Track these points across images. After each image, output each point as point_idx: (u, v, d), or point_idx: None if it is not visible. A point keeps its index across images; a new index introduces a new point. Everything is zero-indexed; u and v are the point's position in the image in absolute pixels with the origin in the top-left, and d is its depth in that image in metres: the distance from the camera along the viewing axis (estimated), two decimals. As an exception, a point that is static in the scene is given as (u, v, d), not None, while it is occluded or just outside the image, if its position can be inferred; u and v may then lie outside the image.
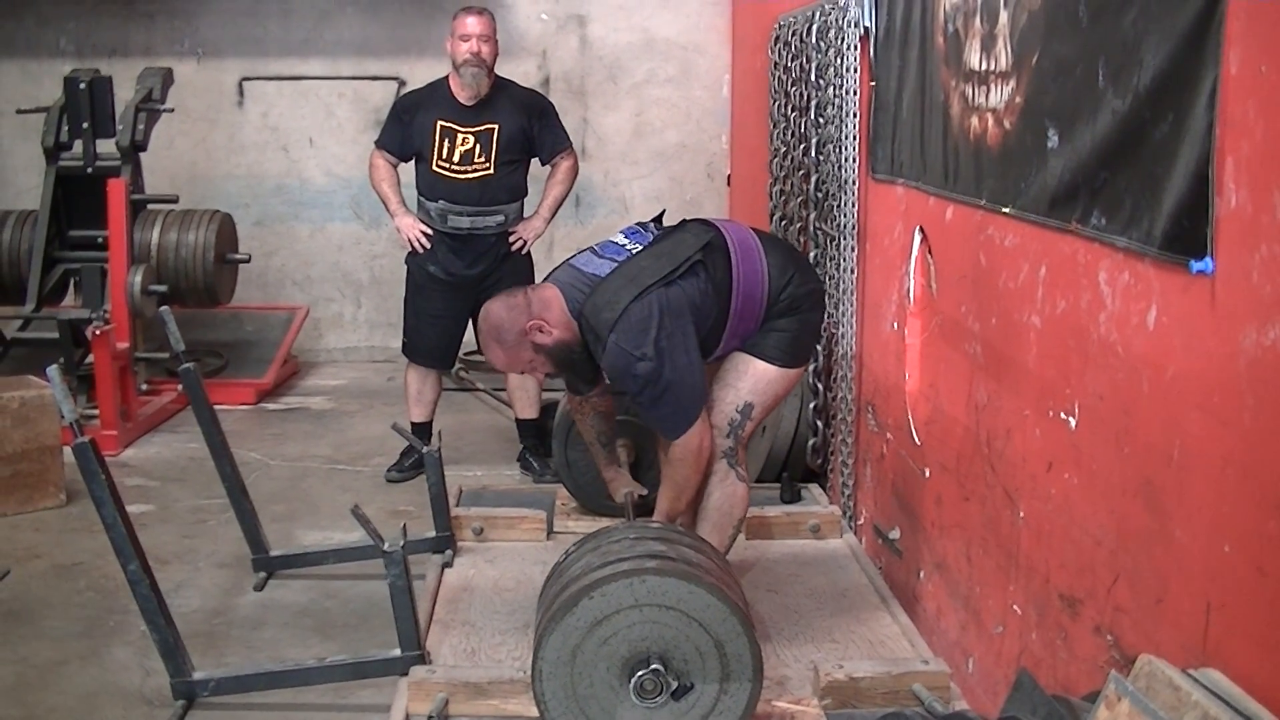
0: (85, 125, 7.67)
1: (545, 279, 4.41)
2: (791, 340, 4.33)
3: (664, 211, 4.65)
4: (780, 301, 4.28)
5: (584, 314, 4.15)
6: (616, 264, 4.22)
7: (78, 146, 7.77)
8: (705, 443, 4.20)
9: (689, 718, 3.46)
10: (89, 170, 7.72)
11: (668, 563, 3.48)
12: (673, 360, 4.07)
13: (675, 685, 3.41)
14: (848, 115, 5.17)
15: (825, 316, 4.66)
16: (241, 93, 9.46)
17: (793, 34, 6.10)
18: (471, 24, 6.16)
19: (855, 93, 5.11)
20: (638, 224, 4.46)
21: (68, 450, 3.88)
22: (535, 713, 3.59)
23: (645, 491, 4.78)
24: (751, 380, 4.29)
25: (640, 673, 3.40)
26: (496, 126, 6.20)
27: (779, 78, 6.41)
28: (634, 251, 4.27)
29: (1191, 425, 2.56)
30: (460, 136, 6.19)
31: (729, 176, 9.41)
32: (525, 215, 6.43)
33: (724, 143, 9.51)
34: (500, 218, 6.29)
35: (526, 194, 6.44)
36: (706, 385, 4.26)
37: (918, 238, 4.41)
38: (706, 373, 4.30)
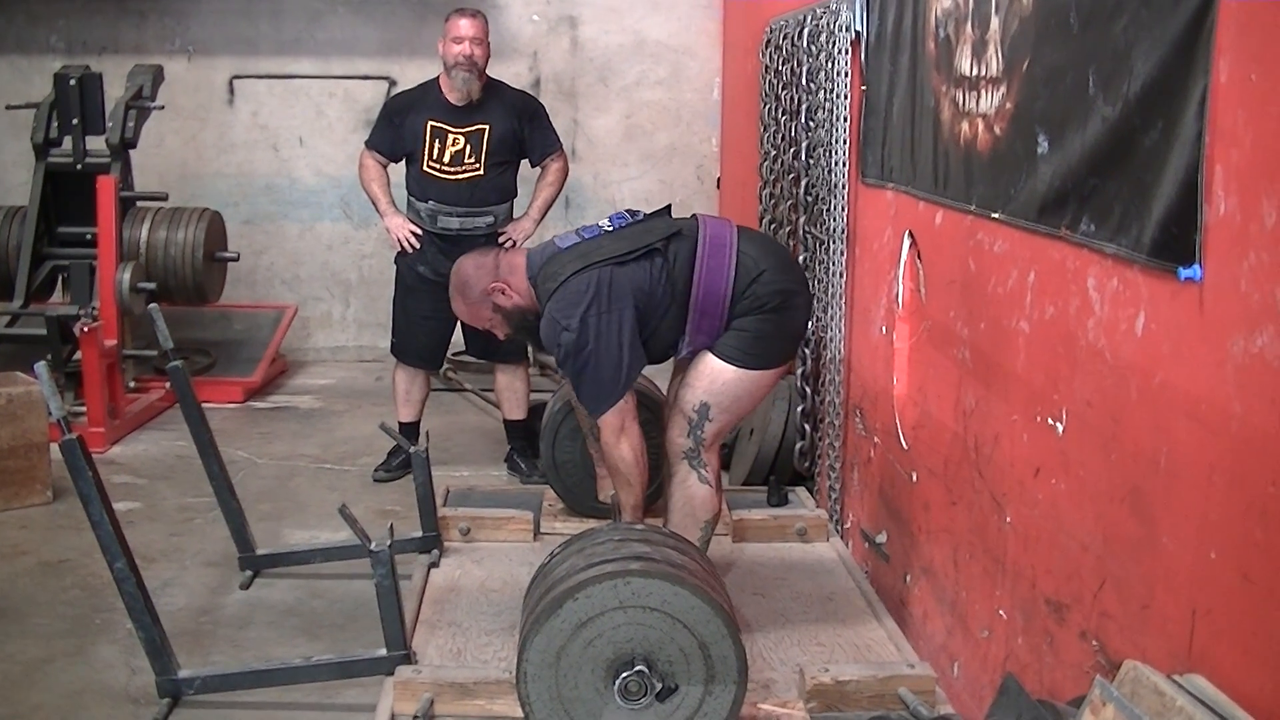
0: (75, 122, 7.66)
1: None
2: (752, 340, 4.24)
3: (670, 205, 4.64)
4: (744, 299, 4.23)
5: (535, 281, 4.27)
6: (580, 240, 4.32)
7: (67, 143, 7.75)
8: (628, 426, 4.19)
9: (676, 718, 3.46)
10: (78, 167, 7.70)
11: (652, 564, 3.48)
12: (599, 336, 4.09)
13: (660, 687, 3.41)
14: (838, 119, 5.18)
15: (803, 320, 4.55)
16: (232, 91, 9.45)
17: (784, 37, 6.11)
18: (465, 26, 6.16)
19: (846, 97, 5.11)
20: (627, 210, 4.49)
21: (55, 447, 3.88)
22: (521, 713, 3.60)
23: None
24: (707, 380, 4.25)
25: (625, 674, 3.41)
26: (487, 127, 6.20)
27: (770, 81, 6.42)
28: (606, 232, 4.33)
29: (1179, 432, 2.57)
30: (451, 137, 6.19)
31: (719, 179, 9.42)
32: (515, 216, 6.43)
33: (714, 145, 9.52)
34: (490, 218, 6.29)
35: (516, 195, 6.44)
36: (638, 373, 4.26)
37: (907, 242, 4.41)
38: (677, 371, 4.34)
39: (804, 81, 5.67)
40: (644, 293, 4.17)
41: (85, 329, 6.89)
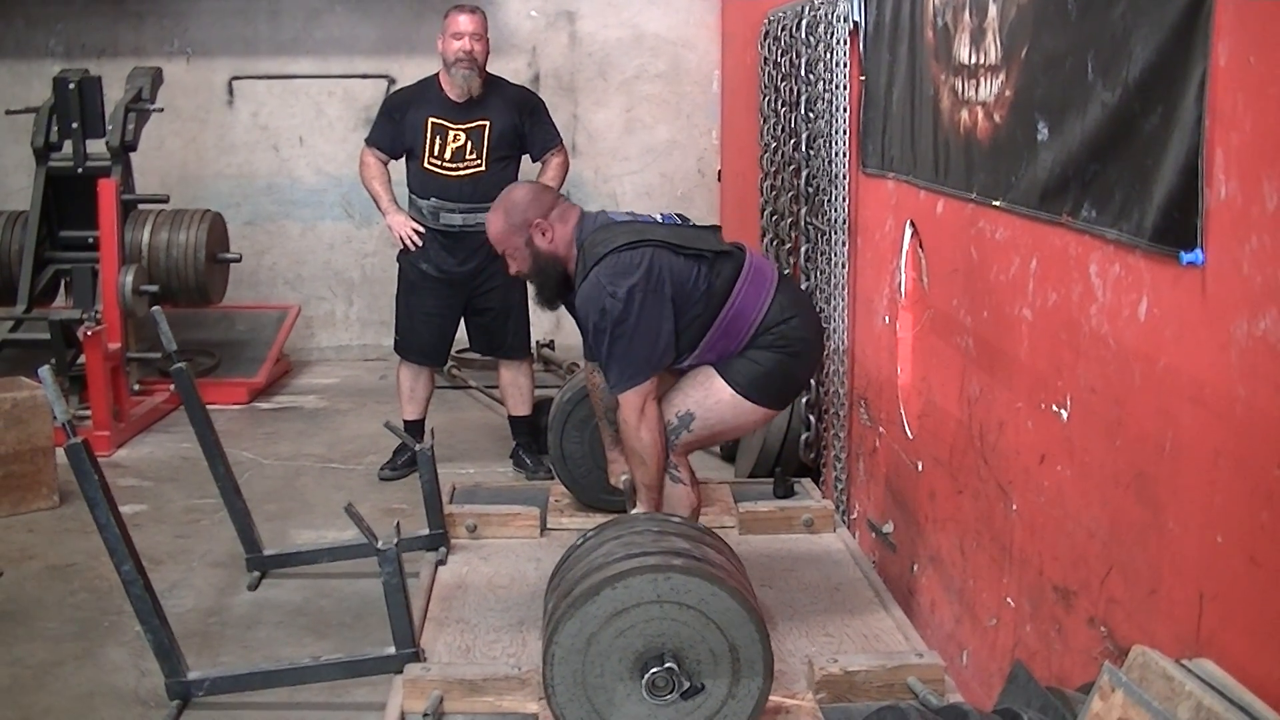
0: (75, 126, 7.66)
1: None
2: (762, 374, 4.28)
3: (720, 227, 4.65)
4: (768, 333, 4.27)
5: (584, 245, 4.27)
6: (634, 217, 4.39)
7: (68, 147, 7.75)
8: (648, 407, 4.18)
9: (695, 717, 3.46)
10: (79, 171, 7.70)
11: (693, 562, 3.47)
12: (641, 313, 4.11)
13: (687, 685, 3.41)
14: (838, 110, 5.17)
15: (808, 375, 4.66)
16: (231, 92, 9.45)
17: (782, 29, 6.11)
18: (464, 22, 6.16)
19: (845, 87, 5.11)
20: (677, 214, 4.56)
21: (61, 451, 3.88)
22: (530, 709, 3.60)
23: None
24: (702, 392, 4.29)
25: (654, 669, 3.40)
26: (488, 123, 6.20)
27: (769, 73, 6.41)
28: (659, 223, 4.38)
29: (1183, 416, 2.57)
30: (452, 134, 6.19)
31: (719, 172, 9.41)
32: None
33: (714, 138, 9.51)
34: (492, 215, 6.28)
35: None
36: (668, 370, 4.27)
37: (909, 232, 4.41)
38: (674, 379, 4.35)
39: (803, 73, 5.66)
40: (683, 290, 4.20)
41: (89, 332, 6.90)
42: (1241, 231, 2.31)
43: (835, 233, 5.27)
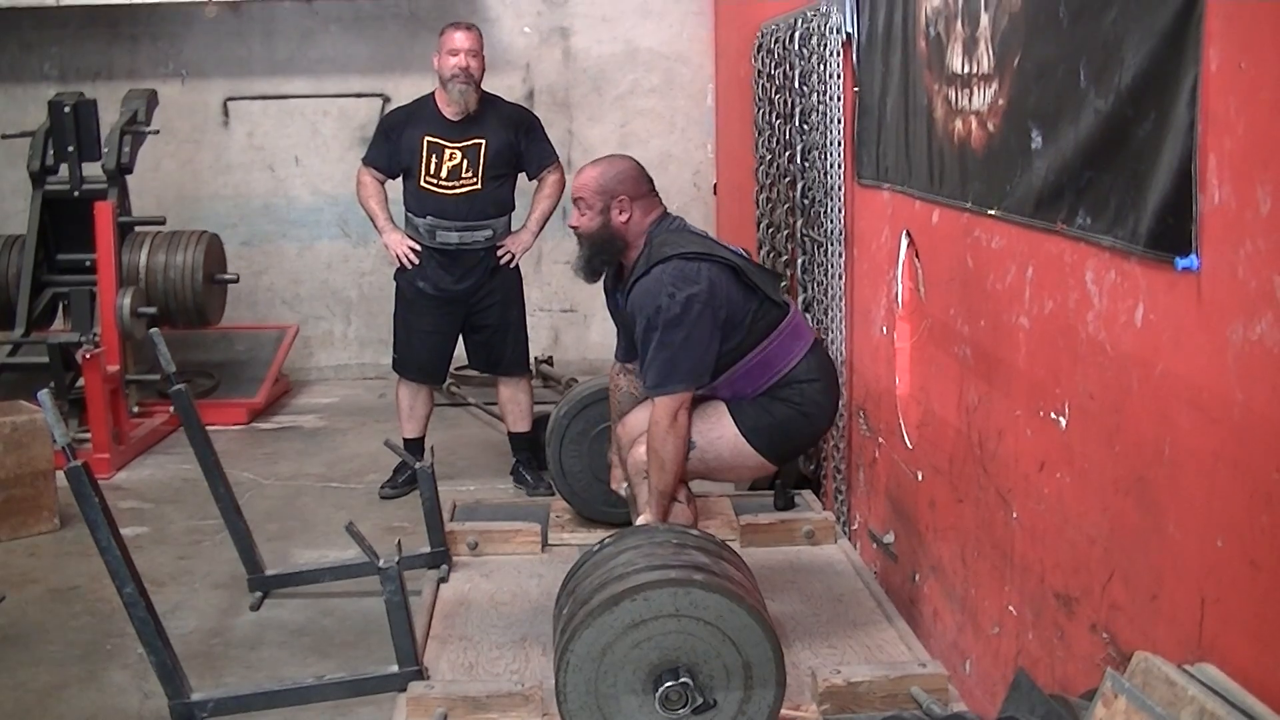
0: (71, 149, 7.67)
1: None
2: (770, 425, 4.28)
3: (781, 277, 4.69)
4: (788, 388, 4.28)
5: (653, 240, 4.31)
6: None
7: (64, 170, 7.77)
8: (681, 416, 4.17)
9: None
10: (75, 194, 7.71)
11: (713, 577, 3.47)
12: (696, 323, 4.13)
13: (700, 701, 3.40)
14: (832, 121, 5.19)
15: (812, 440, 4.69)
16: (226, 113, 9.47)
17: (775, 41, 6.12)
18: (460, 39, 6.17)
19: (839, 98, 5.12)
20: (745, 249, 4.60)
21: (61, 474, 3.88)
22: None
23: None
24: (708, 425, 4.28)
25: (669, 683, 3.39)
26: (484, 141, 6.21)
27: (763, 85, 6.43)
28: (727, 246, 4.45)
29: (1181, 421, 2.57)
30: (448, 152, 6.19)
31: (715, 185, 9.43)
32: (513, 229, 6.43)
33: (709, 152, 9.52)
34: (488, 232, 6.29)
35: (514, 208, 6.44)
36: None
37: (905, 242, 4.42)
38: None
39: (797, 84, 5.68)
40: (733, 319, 4.23)
41: (87, 355, 6.90)
42: (1236, 236, 2.31)
43: (831, 244, 5.28)
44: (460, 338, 6.56)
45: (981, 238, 3.65)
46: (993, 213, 3.51)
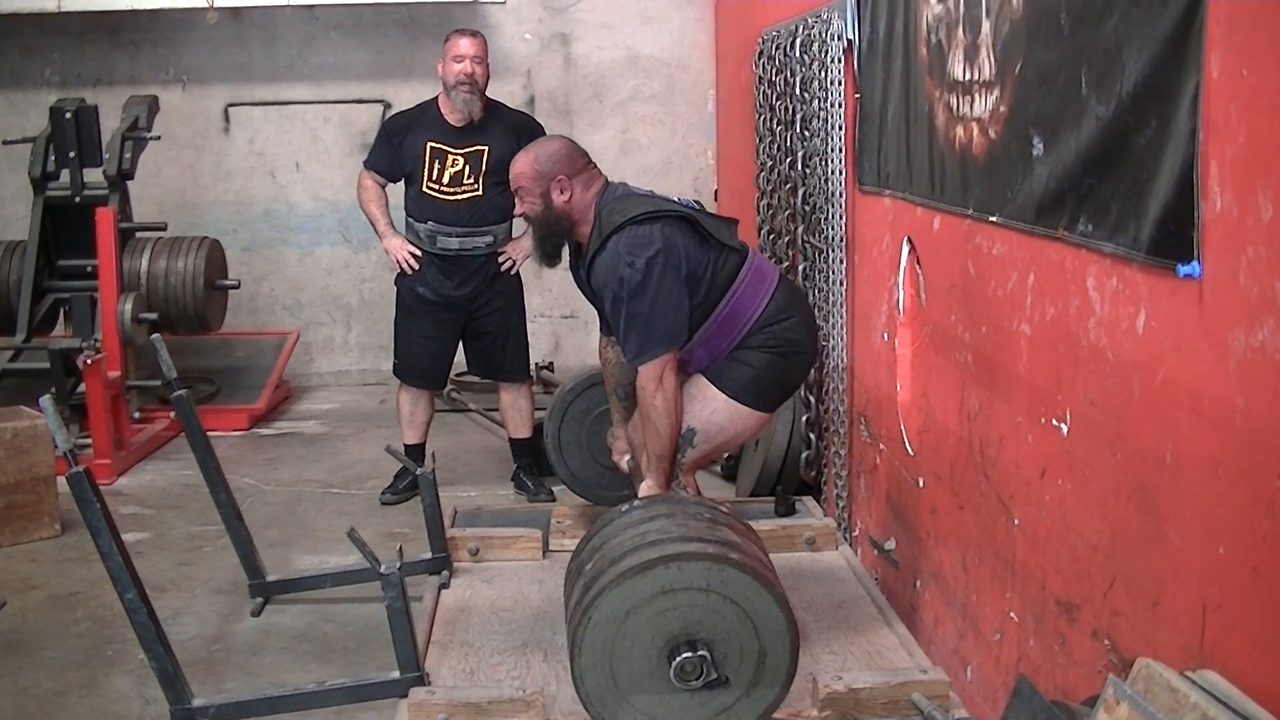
0: (72, 155, 7.67)
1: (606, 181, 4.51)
2: (754, 376, 4.34)
3: (737, 221, 4.68)
4: (761, 333, 4.32)
5: (601, 213, 4.32)
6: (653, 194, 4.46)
7: (65, 176, 7.77)
8: (666, 377, 4.20)
9: (707, 708, 3.45)
10: (77, 200, 7.72)
11: (746, 559, 3.47)
12: (660, 284, 4.16)
13: (715, 676, 3.40)
14: (833, 128, 5.19)
15: (802, 375, 4.70)
16: (227, 119, 9.47)
17: (776, 48, 6.12)
18: (465, 45, 6.17)
19: (840, 105, 5.12)
20: (696, 200, 4.61)
21: (62, 480, 3.88)
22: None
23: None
24: (698, 406, 4.33)
25: (686, 654, 3.39)
26: (486, 149, 6.21)
27: (763, 92, 6.43)
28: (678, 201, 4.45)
29: (1183, 428, 2.57)
30: (450, 158, 6.20)
31: (716, 192, 9.42)
32: (514, 236, 6.43)
33: (710, 158, 9.53)
34: (489, 238, 6.29)
35: (515, 214, 6.43)
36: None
37: (906, 248, 4.42)
38: None
39: (798, 91, 5.68)
40: (694, 273, 4.27)
41: (88, 361, 6.90)
42: (1237, 243, 2.32)
43: (833, 250, 5.28)
44: (461, 344, 6.56)
45: (983, 244, 3.65)
46: (994, 219, 3.51)
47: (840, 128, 5.14)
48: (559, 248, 4.52)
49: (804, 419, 5.71)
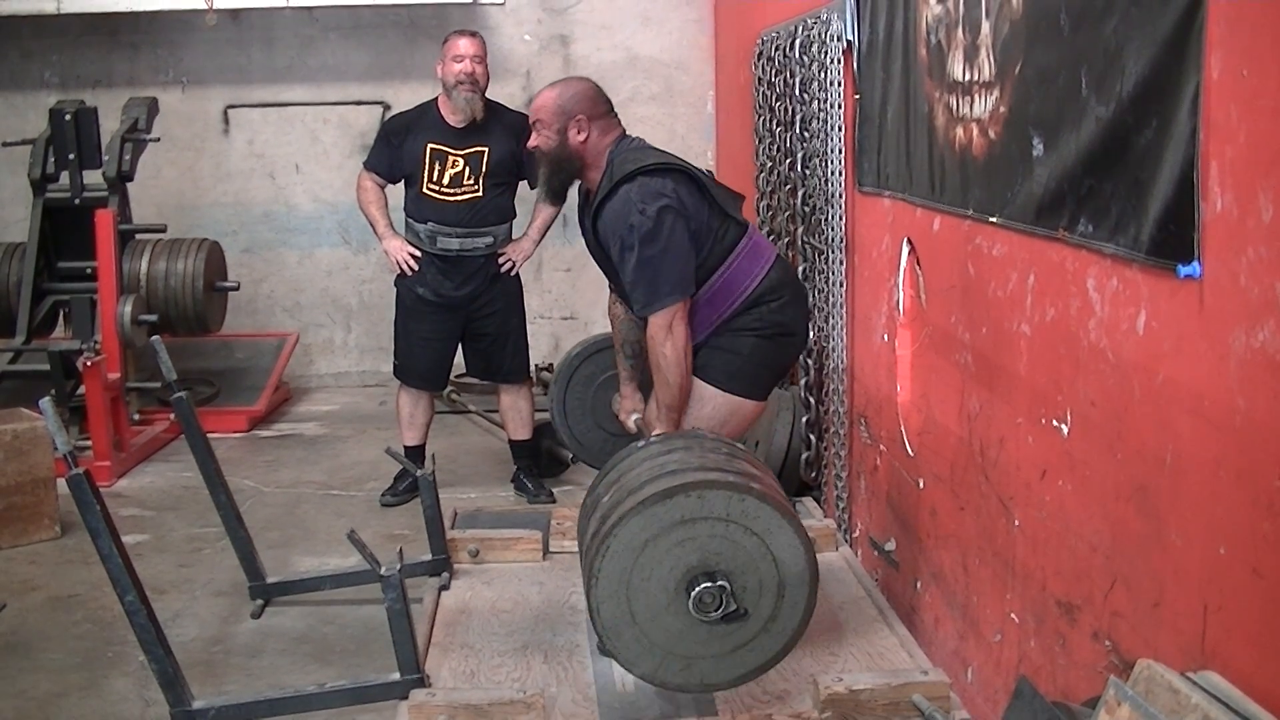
0: (71, 157, 7.67)
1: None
2: (741, 363, 4.35)
3: (744, 197, 4.71)
4: (750, 312, 4.35)
5: (614, 161, 4.35)
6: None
7: (64, 178, 7.77)
8: (675, 326, 4.21)
9: (724, 643, 3.43)
10: (76, 201, 7.71)
11: (768, 490, 3.46)
12: (671, 234, 4.19)
13: (734, 608, 3.38)
14: (833, 129, 5.19)
15: (790, 359, 4.73)
16: (227, 120, 9.47)
17: (775, 49, 6.12)
18: (464, 45, 6.18)
19: (840, 106, 5.12)
20: (709, 169, 4.58)
21: (62, 482, 3.88)
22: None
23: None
24: (696, 405, 4.35)
25: (705, 584, 3.37)
26: (486, 150, 6.21)
27: (763, 93, 6.43)
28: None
29: (1183, 429, 2.57)
30: (450, 159, 6.20)
31: (716, 192, 9.41)
32: (514, 237, 6.43)
33: (710, 159, 9.51)
34: (489, 239, 6.29)
35: (515, 216, 6.45)
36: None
37: (906, 249, 4.42)
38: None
39: (797, 92, 5.68)
40: (699, 231, 4.30)
41: (88, 363, 6.90)
42: (1238, 243, 2.32)
43: (833, 251, 5.28)
44: (460, 346, 6.56)
45: (983, 245, 3.65)
46: (994, 220, 3.51)
47: (840, 129, 5.14)
48: (566, 186, 4.59)
49: (804, 420, 5.71)
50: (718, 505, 3.36)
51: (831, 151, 5.22)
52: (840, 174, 5.18)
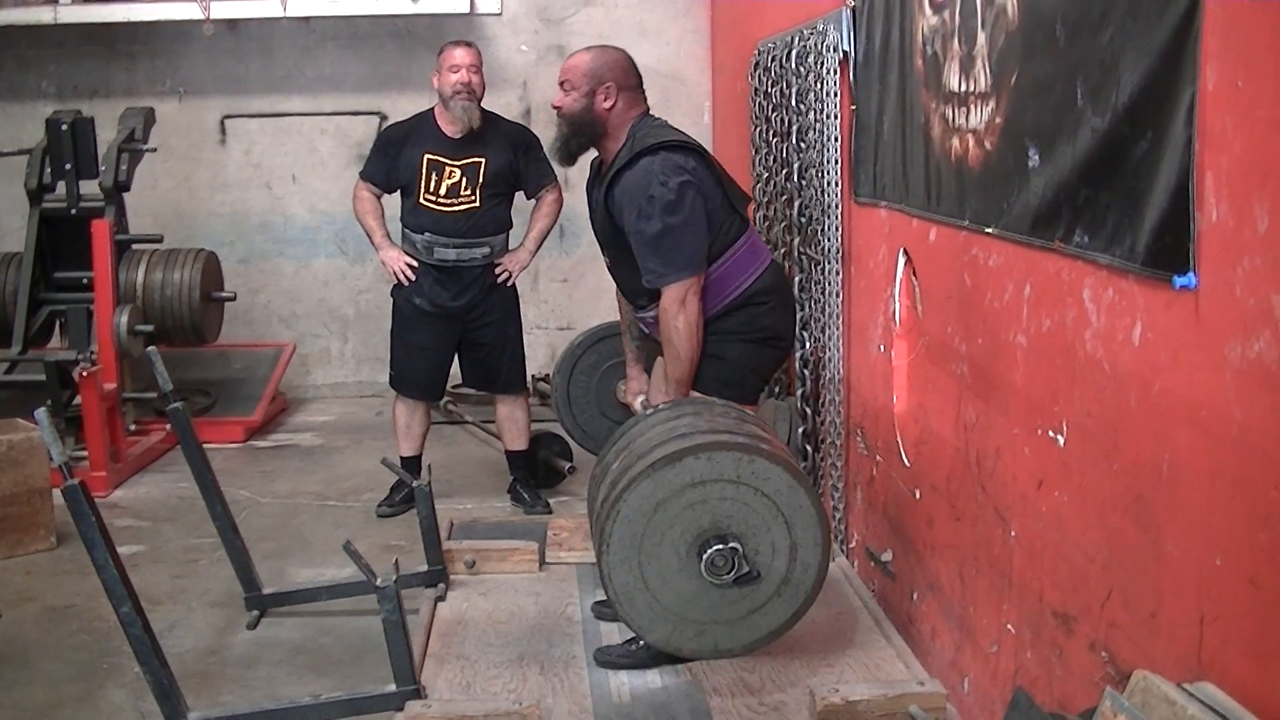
0: (68, 167, 7.66)
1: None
2: (730, 371, 4.39)
3: (750, 199, 4.76)
4: (738, 313, 4.39)
5: (635, 134, 4.41)
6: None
7: (61, 188, 7.75)
8: (689, 300, 4.24)
9: (737, 607, 3.42)
10: (73, 211, 7.70)
11: (778, 451, 3.45)
12: (692, 209, 4.25)
13: (747, 570, 3.37)
14: (829, 139, 5.19)
15: (775, 364, 4.76)
16: (224, 131, 9.47)
17: (772, 60, 6.13)
18: (460, 55, 6.18)
19: (836, 117, 5.13)
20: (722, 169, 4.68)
21: (57, 493, 3.87)
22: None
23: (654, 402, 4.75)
24: None
25: (718, 546, 3.36)
26: (483, 160, 6.21)
27: (759, 104, 6.43)
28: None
29: (1180, 439, 2.57)
30: (447, 170, 6.20)
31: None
32: (511, 247, 6.43)
33: (707, 169, 9.51)
34: (486, 249, 6.29)
35: (512, 226, 6.45)
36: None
37: (902, 260, 4.42)
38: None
39: (794, 103, 5.68)
40: (711, 214, 4.36)
41: (84, 373, 6.89)
42: (1233, 254, 2.32)
43: (829, 262, 5.28)
44: (456, 357, 6.55)
45: (979, 256, 3.65)
46: (990, 231, 3.51)
47: (836, 139, 5.14)
48: (580, 150, 4.61)
49: (800, 431, 5.70)
50: (727, 467, 3.35)
51: (828, 162, 5.22)
52: (836, 184, 5.18)
